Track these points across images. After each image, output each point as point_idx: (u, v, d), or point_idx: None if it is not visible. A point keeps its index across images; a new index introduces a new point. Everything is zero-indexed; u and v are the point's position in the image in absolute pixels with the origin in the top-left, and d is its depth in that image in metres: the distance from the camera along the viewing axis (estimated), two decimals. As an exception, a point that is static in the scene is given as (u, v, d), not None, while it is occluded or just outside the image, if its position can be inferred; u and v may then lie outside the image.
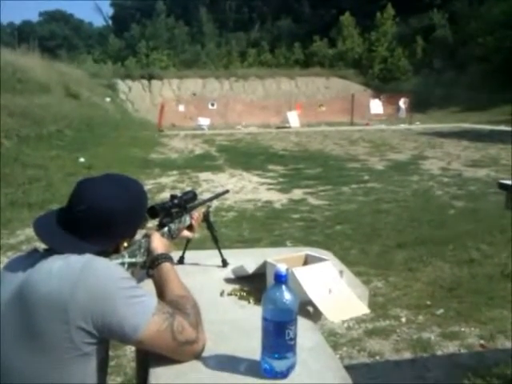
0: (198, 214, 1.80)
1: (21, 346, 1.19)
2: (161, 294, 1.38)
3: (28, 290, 1.20)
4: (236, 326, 1.47)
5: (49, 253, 1.28)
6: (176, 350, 1.24)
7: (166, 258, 1.45)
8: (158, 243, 1.49)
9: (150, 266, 1.45)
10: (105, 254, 1.33)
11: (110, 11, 68.87)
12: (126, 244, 1.40)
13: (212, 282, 1.80)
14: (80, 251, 1.25)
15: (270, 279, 1.55)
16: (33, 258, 1.27)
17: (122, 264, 1.47)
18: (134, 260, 1.50)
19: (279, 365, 1.19)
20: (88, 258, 1.24)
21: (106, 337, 1.23)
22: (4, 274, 1.30)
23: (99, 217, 1.29)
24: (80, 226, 1.29)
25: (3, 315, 1.22)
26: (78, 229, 1.29)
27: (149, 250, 1.48)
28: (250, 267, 1.78)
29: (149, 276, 1.47)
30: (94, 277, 1.20)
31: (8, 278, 1.27)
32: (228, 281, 1.81)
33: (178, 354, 1.25)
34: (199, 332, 1.27)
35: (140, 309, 1.20)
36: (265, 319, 1.19)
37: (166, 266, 1.43)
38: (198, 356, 1.27)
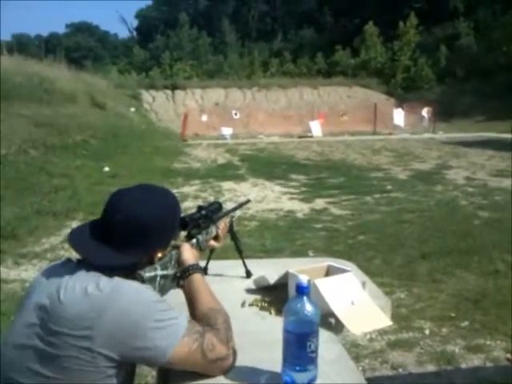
0: (223, 224, 1.81)
1: (41, 362, 1.18)
2: (191, 304, 1.38)
3: (56, 309, 1.19)
4: (257, 338, 1.46)
5: (83, 264, 1.26)
6: (206, 367, 1.24)
7: (197, 268, 1.44)
8: (189, 254, 1.48)
9: (181, 277, 1.44)
10: (139, 265, 1.33)
11: (134, 23, 69.75)
12: (160, 255, 1.38)
13: (233, 293, 1.80)
14: (115, 262, 1.25)
15: (292, 290, 1.54)
16: (66, 269, 1.27)
17: (155, 277, 1.43)
18: (165, 272, 1.48)
19: (300, 377, 1.19)
20: (117, 281, 1.22)
21: (133, 361, 1.22)
22: (39, 281, 1.30)
23: (136, 226, 1.27)
24: (116, 236, 1.27)
25: (29, 321, 1.22)
26: (114, 239, 1.27)
27: (179, 261, 1.47)
28: (272, 277, 1.78)
29: (179, 287, 1.46)
30: (123, 302, 1.18)
31: (42, 286, 1.27)
32: (249, 291, 1.81)
33: (208, 371, 1.25)
34: (230, 348, 1.27)
35: (170, 332, 1.20)
36: (286, 331, 1.19)
37: (197, 276, 1.42)
38: (228, 371, 1.26)
